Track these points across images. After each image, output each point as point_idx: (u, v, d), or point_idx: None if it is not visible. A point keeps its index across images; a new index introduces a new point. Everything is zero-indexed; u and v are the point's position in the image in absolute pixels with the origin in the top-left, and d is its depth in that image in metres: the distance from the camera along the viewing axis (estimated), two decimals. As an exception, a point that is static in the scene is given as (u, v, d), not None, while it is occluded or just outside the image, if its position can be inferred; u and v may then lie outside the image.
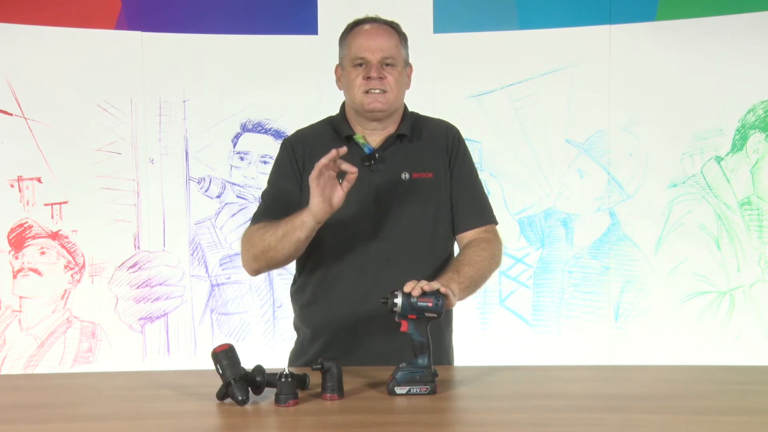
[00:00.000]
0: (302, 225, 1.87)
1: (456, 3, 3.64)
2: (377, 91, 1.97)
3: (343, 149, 1.79)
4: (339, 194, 1.83)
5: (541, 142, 3.64)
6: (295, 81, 3.63)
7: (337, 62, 2.10)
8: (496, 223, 2.10)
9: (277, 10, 3.66)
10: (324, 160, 1.79)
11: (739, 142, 3.48)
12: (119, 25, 3.56)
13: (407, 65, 2.08)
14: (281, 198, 2.03)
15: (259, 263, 1.98)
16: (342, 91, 2.09)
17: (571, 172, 3.64)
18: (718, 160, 3.51)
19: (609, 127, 3.58)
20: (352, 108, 2.05)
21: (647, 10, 3.51)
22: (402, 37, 2.06)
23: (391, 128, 2.04)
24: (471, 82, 3.65)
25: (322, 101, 3.58)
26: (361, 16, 2.08)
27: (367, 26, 2.03)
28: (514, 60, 3.63)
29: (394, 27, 2.06)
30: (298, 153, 2.05)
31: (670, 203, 3.55)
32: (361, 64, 1.99)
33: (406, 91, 2.11)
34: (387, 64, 1.99)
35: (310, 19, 3.62)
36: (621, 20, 3.53)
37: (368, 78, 1.97)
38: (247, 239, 2.00)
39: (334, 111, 2.16)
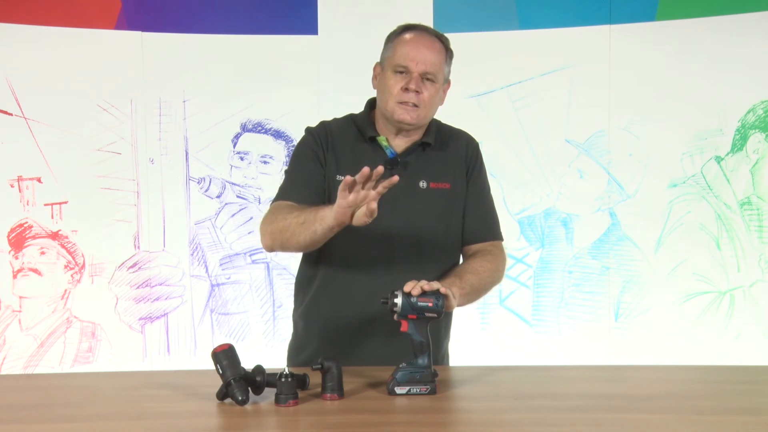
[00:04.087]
0: (322, 219, 1.79)
1: (456, 3, 3.64)
2: (411, 104, 1.95)
3: (379, 170, 1.68)
4: (361, 219, 1.73)
5: (541, 142, 3.64)
6: (295, 81, 3.63)
7: (378, 61, 2.06)
8: (502, 239, 2.11)
9: (277, 10, 3.66)
10: (359, 177, 1.68)
11: (739, 142, 3.48)
12: (119, 25, 3.56)
13: (446, 82, 2.05)
14: (308, 177, 2.00)
15: (274, 241, 1.93)
16: (375, 90, 2.06)
17: (571, 172, 3.64)
18: (718, 160, 3.50)
19: (609, 127, 3.58)
20: (381, 111, 2.03)
21: (647, 10, 3.51)
22: (449, 54, 2.03)
23: (415, 136, 2.04)
24: (471, 82, 3.64)
25: (322, 101, 3.59)
26: (414, 21, 2.06)
27: (417, 35, 2.00)
28: (514, 60, 3.63)
29: (443, 42, 2.03)
30: (323, 141, 2.03)
31: (670, 203, 3.55)
32: (402, 72, 1.96)
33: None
34: (427, 79, 1.96)
35: (310, 19, 3.62)
36: (621, 20, 3.53)
37: (406, 89, 1.95)
38: (271, 214, 1.95)
39: (335, 111, 2.15)
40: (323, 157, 2.01)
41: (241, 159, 3.70)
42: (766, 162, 3.46)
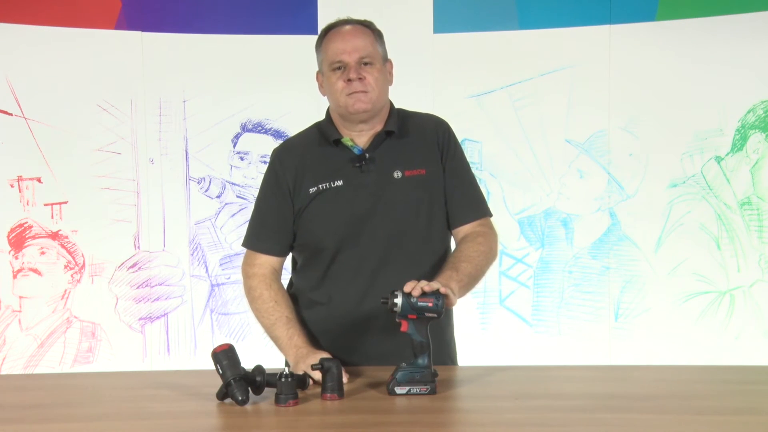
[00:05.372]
0: (283, 350, 1.97)
1: (456, 3, 3.64)
2: (360, 92, 1.96)
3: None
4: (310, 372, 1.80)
5: (541, 142, 3.64)
6: (295, 81, 3.63)
7: (317, 69, 2.09)
8: (490, 215, 2.10)
9: (277, 10, 3.66)
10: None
11: (739, 142, 3.48)
12: (119, 25, 3.56)
13: (386, 61, 2.05)
14: (272, 219, 2.05)
15: (249, 305, 2.09)
16: (326, 97, 2.08)
17: (571, 172, 3.64)
18: (718, 160, 3.51)
19: (609, 127, 3.58)
20: (336, 112, 2.04)
21: (647, 10, 3.51)
22: (377, 35, 2.03)
23: (378, 126, 2.04)
24: (471, 82, 3.65)
25: (322, 101, 3.57)
26: (346, 17, 2.06)
27: (339, 29, 2.02)
28: (514, 60, 3.63)
29: (367, 25, 2.04)
30: (287, 166, 2.04)
31: (670, 203, 3.55)
32: (339, 68, 1.98)
33: (405, 89, 2.10)
34: (365, 63, 1.97)
35: (310, 19, 3.62)
36: (621, 20, 3.53)
37: (348, 80, 1.96)
38: (257, 294, 2.03)
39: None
40: (288, 184, 2.02)
41: (241, 159, 3.70)
42: (766, 162, 3.46)
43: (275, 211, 2.04)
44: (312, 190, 2.00)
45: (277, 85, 3.65)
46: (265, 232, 2.06)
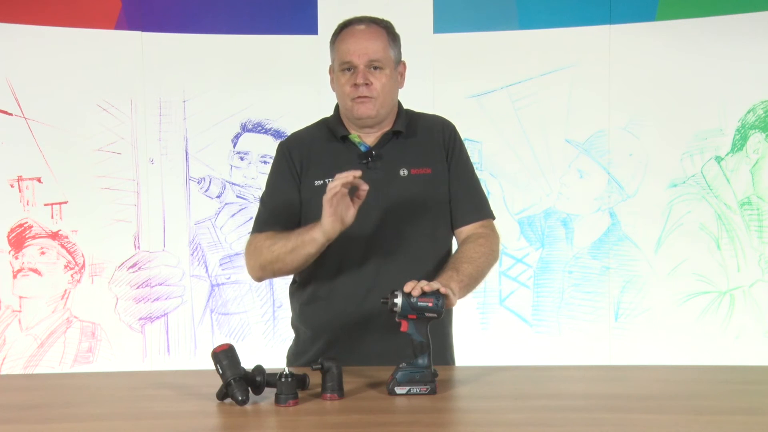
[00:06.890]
0: (312, 241, 1.88)
1: (456, 3, 3.65)
2: (365, 97, 1.96)
3: (358, 173, 1.78)
4: (351, 212, 1.83)
5: (541, 142, 3.64)
6: (295, 81, 3.64)
7: (330, 64, 2.10)
8: (493, 217, 2.11)
9: (277, 10, 3.66)
10: (338, 183, 1.77)
11: (739, 142, 3.48)
12: (119, 25, 3.56)
13: (399, 63, 2.04)
14: (282, 204, 2.04)
15: (265, 272, 2.01)
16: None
17: (571, 172, 3.64)
18: (718, 160, 3.51)
19: (609, 127, 3.58)
20: (343, 112, 2.05)
21: (647, 10, 3.51)
22: (392, 36, 2.01)
23: (386, 126, 2.05)
24: (471, 82, 3.65)
25: (322, 101, 3.58)
26: (353, 15, 2.05)
27: (353, 28, 2.00)
28: (514, 60, 3.63)
29: (383, 26, 2.02)
30: (295, 155, 2.05)
31: (670, 203, 3.55)
32: (348, 69, 1.98)
33: (405, 89, 2.10)
34: (374, 68, 1.96)
35: (310, 19, 3.62)
36: (621, 20, 3.53)
37: (355, 85, 1.96)
38: (253, 248, 2.00)
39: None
40: (297, 174, 2.03)
41: (241, 159, 3.70)
42: (766, 162, 3.46)
43: (286, 197, 2.03)
44: (317, 183, 2.00)
45: (277, 85, 3.65)
46: (274, 219, 2.04)
